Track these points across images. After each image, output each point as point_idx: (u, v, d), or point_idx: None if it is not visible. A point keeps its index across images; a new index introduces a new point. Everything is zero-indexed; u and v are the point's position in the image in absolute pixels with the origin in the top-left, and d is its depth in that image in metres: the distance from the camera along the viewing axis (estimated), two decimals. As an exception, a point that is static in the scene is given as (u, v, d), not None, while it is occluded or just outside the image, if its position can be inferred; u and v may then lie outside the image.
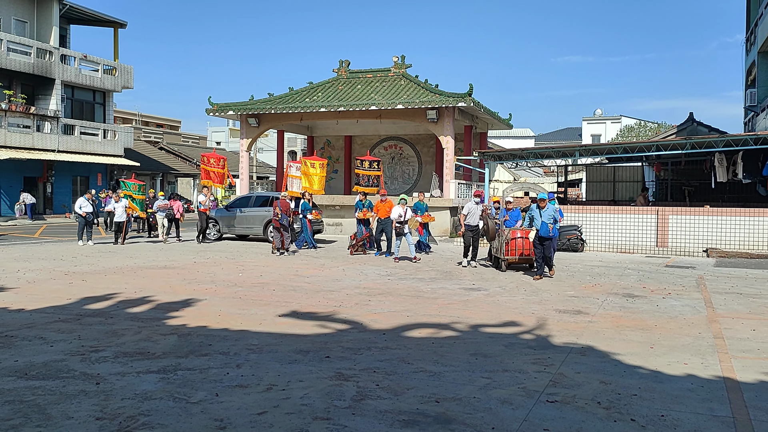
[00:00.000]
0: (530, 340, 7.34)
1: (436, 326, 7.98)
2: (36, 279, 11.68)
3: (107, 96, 38.25)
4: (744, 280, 12.46)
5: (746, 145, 17.66)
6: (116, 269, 13.26)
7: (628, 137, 53.40)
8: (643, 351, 6.80)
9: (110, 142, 37.02)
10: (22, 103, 32.32)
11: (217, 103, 26.22)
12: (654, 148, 19.67)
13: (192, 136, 64.42)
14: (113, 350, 6.59)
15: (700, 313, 9.05)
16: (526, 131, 69.24)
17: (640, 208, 19.04)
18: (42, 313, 8.52)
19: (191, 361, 6.22)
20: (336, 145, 29.76)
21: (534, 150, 21.98)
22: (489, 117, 26.15)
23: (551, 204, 12.59)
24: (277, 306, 9.20)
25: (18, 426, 4.47)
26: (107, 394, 5.17)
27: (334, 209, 24.80)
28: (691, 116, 28.13)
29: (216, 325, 7.90)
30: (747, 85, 29.83)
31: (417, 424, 4.61)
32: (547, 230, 12.29)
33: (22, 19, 33.83)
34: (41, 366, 5.97)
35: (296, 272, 13.09)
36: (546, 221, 12.31)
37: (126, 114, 59.44)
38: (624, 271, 13.71)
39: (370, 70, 26.80)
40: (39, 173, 34.29)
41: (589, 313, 8.91)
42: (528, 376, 5.81)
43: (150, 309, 8.93)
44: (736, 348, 6.98)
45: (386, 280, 12.15)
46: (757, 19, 26.59)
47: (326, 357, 6.41)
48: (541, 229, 12.35)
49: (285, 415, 4.76)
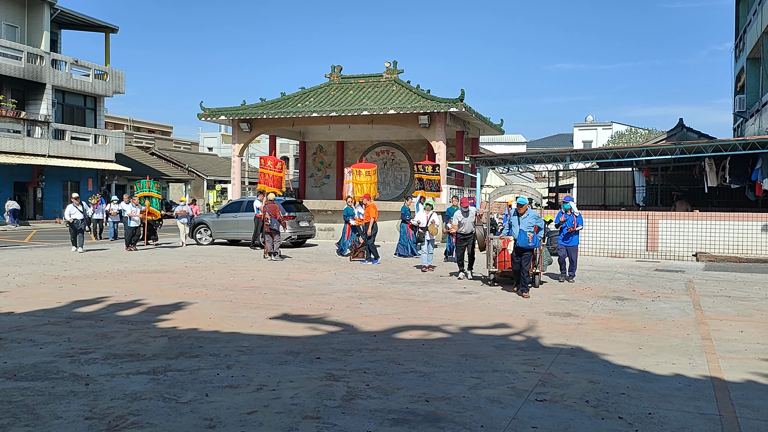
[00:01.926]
0: (520, 341, 7.37)
1: (426, 328, 8.00)
2: (26, 283, 11.62)
3: (98, 101, 38.16)
4: (733, 284, 12.56)
5: (735, 150, 17.83)
6: (107, 273, 13.21)
7: (619, 143, 53.76)
8: (632, 352, 6.85)
9: (101, 147, 36.91)
10: (13, 107, 32.21)
11: (208, 108, 26.21)
12: (644, 153, 19.81)
13: (184, 141, 64.34)
14: (103, 352, 6.57)
15: (688, 315, 9.12)
16: (518, 137, 69.56)
17: (629, 213, 19.17)
18: (31, 316, 8.48)
19: (181, 362, 6.21)
20: (328, 150, 29.79)
21: (526, 155, 22.10)
22: (481, 122, 26.27)
23: (530, 210, 11.08)
24: (269, 309, 9.20)
25: (6, 426, 4.46)
26: (96, 395, 5.16)
27: (326, 214, 24.80)
28: (681, 122, 28.36)
29: (207, 327, 7.89)
30: (736, 92, 30.12)
31: (407, 422, 4.63)
32: (526, 240, 10.70)
33: (13, 23, 33.73)
34: (30, 367, 5.95)
35: (288, 276, 13.08)
36: (525, 229, 10.73)
37: (117, 119, 59.30)
38: (614, 275, 13.79)
39: (362, 76, 26.87)
40: (29, 178, 34.14)
41: (579, 316, 8.96)
42: (517, 376, 5.85)
43: (140, 312, 8.91)
44: (724, 349, 7.04)
45: (378, 283, 12.17)
46: (745, 26, 26.90)
47: (317, 358, 6.42)
48: (519, 239, 10.75)
49: (275, 414, 4.77)
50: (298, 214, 20.49)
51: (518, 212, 10.88)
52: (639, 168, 28.03)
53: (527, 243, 10.69)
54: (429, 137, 23.78)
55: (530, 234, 10.70)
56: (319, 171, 29.99)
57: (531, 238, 10.70)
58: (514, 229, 10.95)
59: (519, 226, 10.80)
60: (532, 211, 10.95)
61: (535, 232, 10.87)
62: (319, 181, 29.93)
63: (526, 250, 10.74)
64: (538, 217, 10.94)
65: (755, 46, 24.09)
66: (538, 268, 11.65)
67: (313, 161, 30.12)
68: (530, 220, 10.79)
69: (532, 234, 10.71)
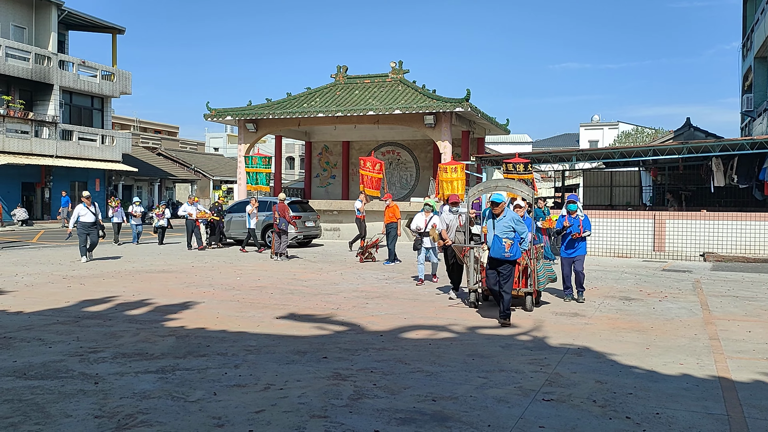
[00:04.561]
0: (527, 341, 7.37)
1: (433, 328, 8.01)
2: (34, 283, 11.69)
3: (105, 102, 38.31)
4: (740, 284, 12.51)
5: (743, 149, 17.75)
6: (114, 273, 13.27)
7: (626, 143, 53.60)
8: (639, 352, 6.84)
9: (108, 148, 37.05)
10: (21, 108, 32.36)
11: (215, 109, 26.27)
12: (651, 152, 19.75)
13: (190, 142, 64.56)
14: (112, 351, 6.61)
15: (696, 315, 9.09)
16: (524, 137, 69.37)
17: (636, 213, 19.11)
18: (40, 315, 8.54)
19: (189, 361, 6.24)
20: (334, 150, 29.81)
21: (532, 155, 22.06)
22: (486, 122, 26.24)
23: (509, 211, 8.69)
24: (275, 309, 9.23)
25: (17, 424, 4.50)
26: (106, 394, 5.19)
27: (331, 214, 24.82)
28: (688, 121, 28.28)
29: (214, 327, 7.92)
30: (743, 91, 30.00)
31: (414, 421, 4.64)
32: (501, 249, 8.25)
33: (21, 25, 33.90)
34: (40, 366, 5.99)
35: (294, 276, 13.11)
36: (500, 235, 8.31)
37: (124, 120, 59.54)
38: (621, 275, 13.75)
39: (368, 76, 26.89)
40: (37, 179, 34.30)
41: (585, 316, 8.95)
42: (524, 376, 5.85)
43: (148, 311, 8.95)
44: (732, 349, 7.02)
45: (384, 283, 12.18)
46: (753, 24, 26.77)
47: (324, 357, 6.44)
48: (492, 247, 8.41)
49: (282, 413, 4.79)
50: (304, 214, 20.53)
51: (493, 213, 8.55)
52: (646, 168, 27.95)
53: (502, 253, 8.27)
54: (435, 137, 23.77)
55: (507, 241, 8.25)
56: (324, 171, 30.01)
57: (509, 247, 8.23)
58: (488, 235, 8.61)
59: (493, 230, 8.46)
60: (511, 212, 8.65)
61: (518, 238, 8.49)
62: (325, 181, 29.95)
63: (504, 262, 8.38)
64: (520, 220, 8.57)
65: (763, 45, 23.99)
66: (532, 287, 9.33)
67: (318, 161, 30.15)
68: (508, 223, 8.40)
69: (510, 241, 8.27)
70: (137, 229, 21.51)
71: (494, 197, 8.59)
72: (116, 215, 22.12)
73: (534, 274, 9.43)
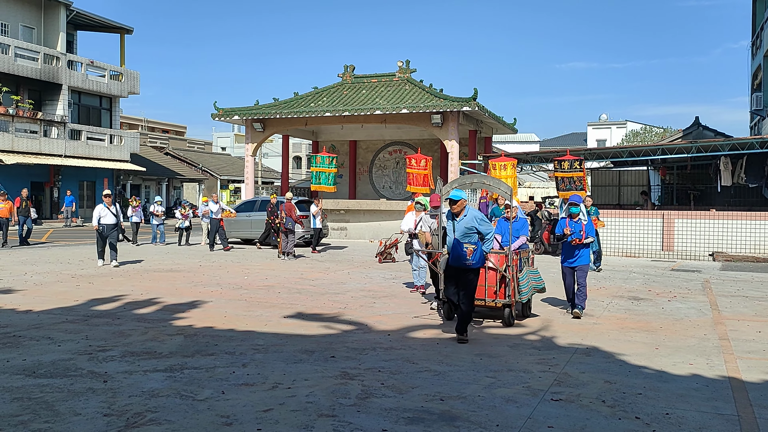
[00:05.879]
0: (535, 341, 7.35)
1: (440, 327, 8.00)
2: (43, 282, 11.75)
3: (114, 101, 38.48)
4: (750, 284, 12.43)
5: (752, 148, 17.64)
6: (122, 272, 13.32)
7: (634, 142, 53.38)
8: (648, 352, 6.81)
9: (116, 148, 37.21)
10: (30, 108, 32.55)
11: (222, 108, 26.34)
12: (659, 151, 19.65)
13: (197, 141, 64.72)
14: (120, 350, 6.64)
15: (705, 315, 9.04)
16: (531, 136, 69.22)
17: (644, 212, 19.02)
18: (49, 314, 8.58)
19: (197, 360, 6.26)
20: (341, 149, 29.81)
21: (539, 154, 22.00)
22: (494, 121, 26.18)
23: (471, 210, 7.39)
24: (283, 308, 9.24)
25: (27, 422, 4.52)
26: (114, 392, 5.21)
27: (339, 213, 24.84)
28: (697, 120, 28.12)
29: (222, 326, 7.94)
30: (753, 89, 29.81)
31: (422, 421, 4.63)
32: (462, 256, 7.17)
33: (30, 25, 34.09)
34: (49, 365, 6.02)
35: (301, 275, 13.12)
36: (460, 238, 7.22)
37: (132, 119, 59.79)
38: (629, 275, 13.69)
39: (375, 75, 26.88)
40: (46, 178, 34.49)
41: (594, 315, 8.91)
42: (532, 376, 5.83)
43: (156, 310, 8.98)
44: (742, 349, 6.98)
45: (391, 283, 12.17)
46: (763, 22, 26.59)
47: (331, 357, 6.44)
48: (451, 254, 7.37)
49: (290, 412, 4.79)
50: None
51: (452, 213, 7.36)
52: (655, 167, 27.82)
53: (464, 260, 7.18)
54: (442, 136, 23.75)
55: (469, 247, 7.15)
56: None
57: (470, 254, 7.15)
58: (448, 239, 7.54)
59: (453, 234, 7.32)
60: (473, 211, 7.40)
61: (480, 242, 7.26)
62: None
63: (465, 270, 7.25)
64: (484, 219, 7.37)
65: (772, 43, 23.84)
66: (510, 298, 8.08)
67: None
68: (470, 224, 7.23)
69: (473, 246, 7.16)
70: (159, 229, 21.18)
71: (452, 194, 7.34)
72: (135, 215, 21.26)
73: (513, 283, 8.13)
